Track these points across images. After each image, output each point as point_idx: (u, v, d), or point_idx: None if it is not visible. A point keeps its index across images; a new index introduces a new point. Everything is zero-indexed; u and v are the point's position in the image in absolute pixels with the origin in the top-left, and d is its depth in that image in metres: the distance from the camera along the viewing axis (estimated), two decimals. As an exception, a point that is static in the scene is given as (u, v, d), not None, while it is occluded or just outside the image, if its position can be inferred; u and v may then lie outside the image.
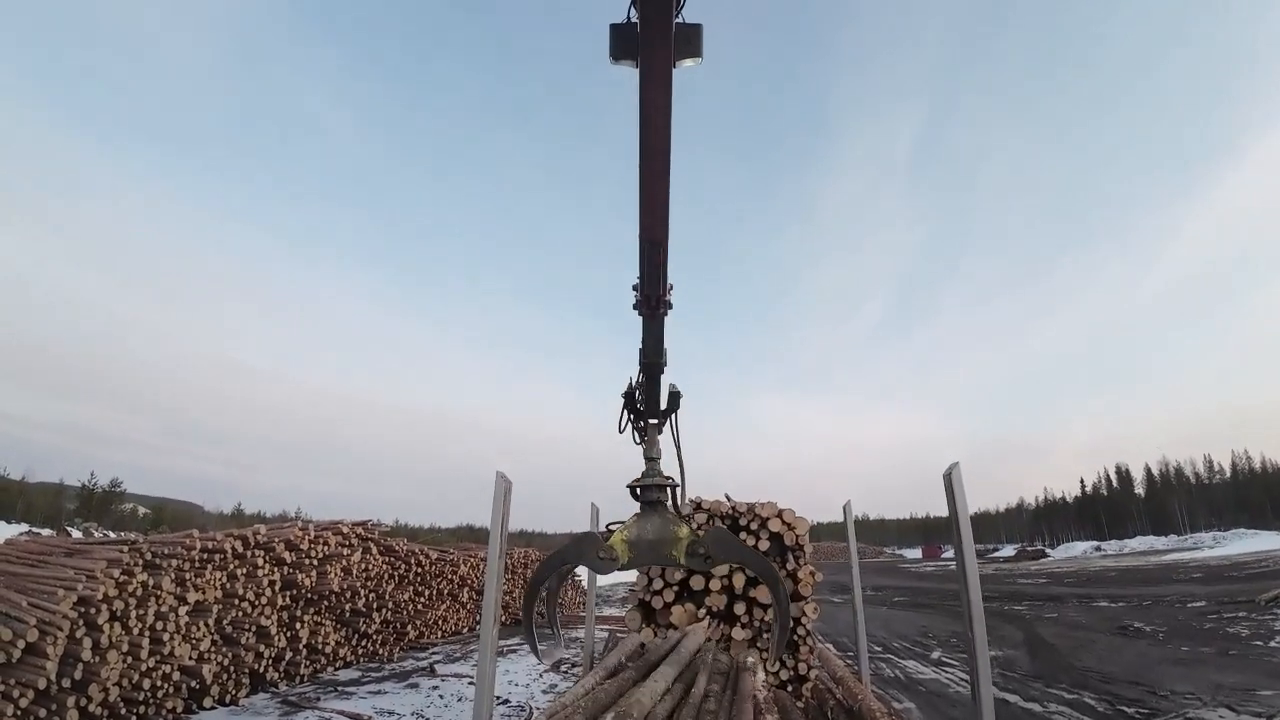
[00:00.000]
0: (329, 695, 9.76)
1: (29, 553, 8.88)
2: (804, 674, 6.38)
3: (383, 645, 12.92)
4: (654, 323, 3.45)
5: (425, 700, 9.63)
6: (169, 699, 8.14)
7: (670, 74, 2.30)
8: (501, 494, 3.40)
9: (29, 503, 51.70)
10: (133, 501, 58.75)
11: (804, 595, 6.41)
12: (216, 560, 9.17)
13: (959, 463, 3.59)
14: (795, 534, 6.45)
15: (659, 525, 3.52)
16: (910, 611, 22.01)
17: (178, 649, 8.21)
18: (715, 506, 6.64)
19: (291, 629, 10.36)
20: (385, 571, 13.08)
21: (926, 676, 11.03)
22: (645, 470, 3.74)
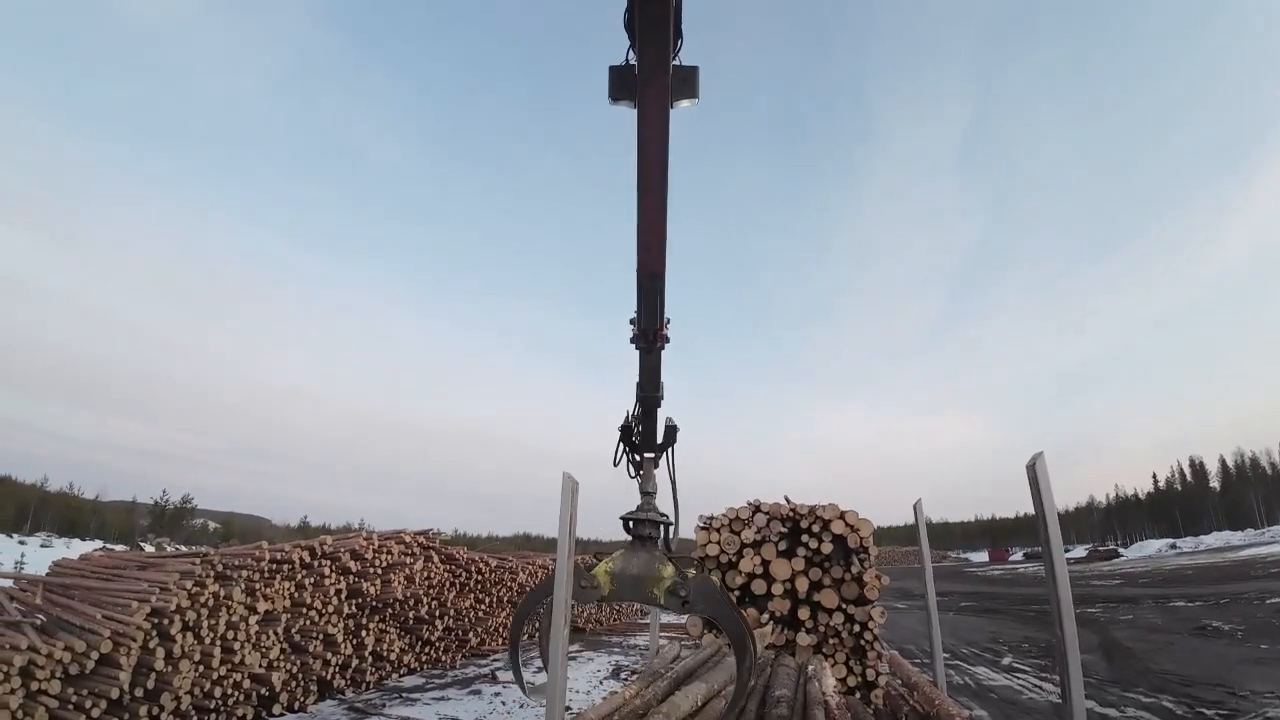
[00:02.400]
0: (394, 701, 9.89)
1: (103, 567, 9.22)
2: (873, 680, 6.21)
3: (445, 652, 13.07)
4: (651, 356, 3.51)
5: (488, 707, 9.68)
6: (239, 706, 8.31)
7: (667, 115, 2.37)
8: (569, 493, 3.39)
9: (103, 520, 53.97)
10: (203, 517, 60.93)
11: (870, 599, 6.24)
12: (285, 570, 9.38)
13: (1043, 453, 3.43)
14: (859, 536, 6.29)
15: (644, 561, 3.58)
16: (978, 617, 21.39)
17: (248, 657, 8.39)
18: (775, 509, 6.52)
19: (357, 637, 10.53)
20: (446, 579, 13.23)
21: (998, 683, 10.67)
22: (640, 504, 3.81)
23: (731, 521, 6.55)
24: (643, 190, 2.62)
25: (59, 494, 59.15)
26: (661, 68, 2.21)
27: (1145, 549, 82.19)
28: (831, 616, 6.22)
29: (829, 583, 6.26)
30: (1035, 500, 3.52)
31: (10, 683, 6.03)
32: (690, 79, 2.38)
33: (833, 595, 6.21)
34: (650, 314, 3.26)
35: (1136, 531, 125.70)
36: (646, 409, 3.81)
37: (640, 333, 3.37)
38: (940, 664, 6.46)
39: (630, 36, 2.20)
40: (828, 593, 6.22)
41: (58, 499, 57.02)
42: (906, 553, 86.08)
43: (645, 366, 3.59)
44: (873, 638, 6.21)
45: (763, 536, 6.41)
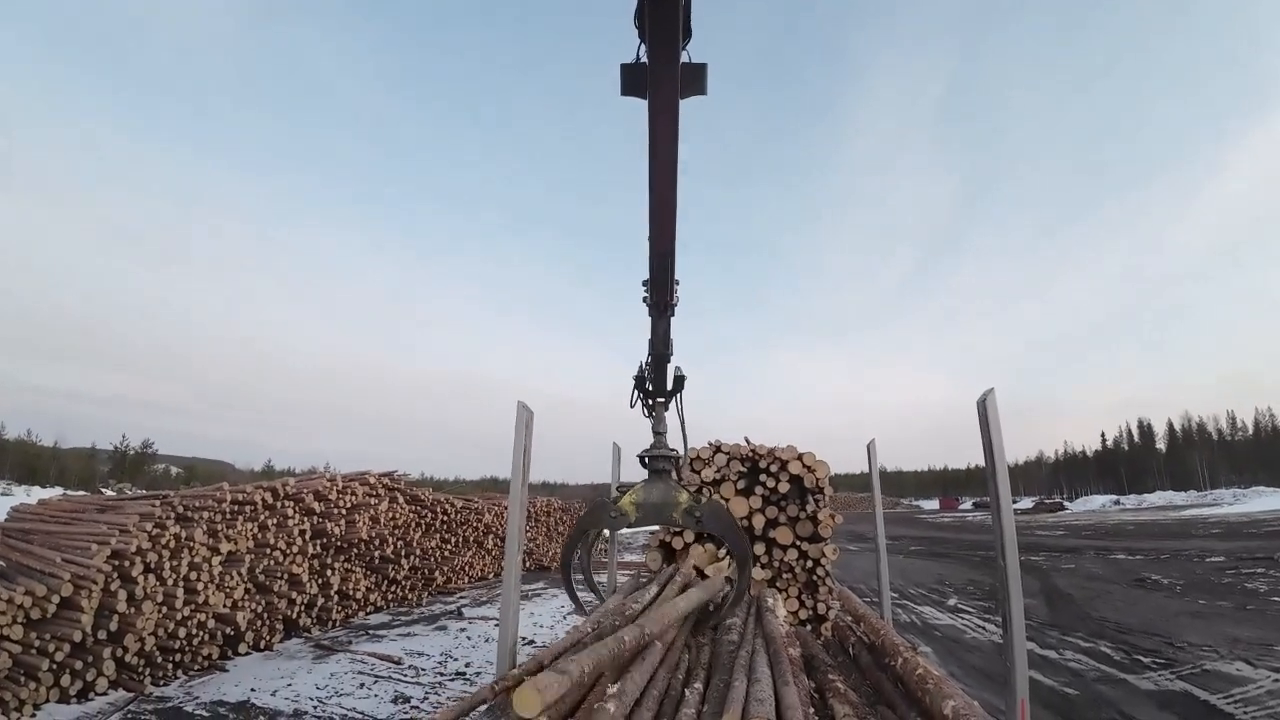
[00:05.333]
0: (360, 638, 10.08)
1: (62, 511, 9.16)
2: (823, 614, 6.48)
3: (411, 590, 13.30)
4: (662, 320, 3.93)
5: (454, 642, 9.93)
6: (204, 646, 8.43)
7: (677, 109, 2.50)
8: (523, 423, 3.51)
9: (62, 467, 53.00)
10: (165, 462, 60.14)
11: (823, 537, 6.48)
12: (247, 512, 9.41)
13: (994, 389, 3.55)
14: (815, 477, 6.50)
15: (663, 490, 4.07)
16: (927, 560, 22.22)
17: (212, 598, 8.47)
18: (735, 450, 6.70)
19: (323, 576, 10.66)
20: (412, 520, 13.38)
21: (943, 622, 11.18)
22: (653, 443, 4.30)
23: (693, 461, 6.72)
24: (654, 178, 2.77)
25: (16, 441, 57.98)
26: (671, 65, 2.28)
27: (1090, 504, 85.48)
28: (786, 553, 6.46)
29: (784, 520, 6.48)
30: (984, 437, 3.58)
31: None
32: (699, 76, 2.49)
33: (787, 532, 6.44)
34: (661, 286, 3.60)
35: (1083, 487, 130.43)
36: (658, 363, 4.27)
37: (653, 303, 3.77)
38: (887, 599, 6.77)
39: (640, 34, 2.29)
40: (783, 530, 6.44)
41: (15, 446, 55.89)
42: (862, 499, 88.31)
43: (657, 328, 4.01)
44: (824, 574, 6.46)
45: (722, 475, 6.59)
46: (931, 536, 35.34)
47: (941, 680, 3.74)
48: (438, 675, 8.22)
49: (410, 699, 7.31)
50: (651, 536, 7.01)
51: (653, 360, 4.30)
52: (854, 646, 6.11)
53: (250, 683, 7.82)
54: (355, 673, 8.27)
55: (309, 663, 8.74)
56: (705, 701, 3.32)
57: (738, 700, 3.05)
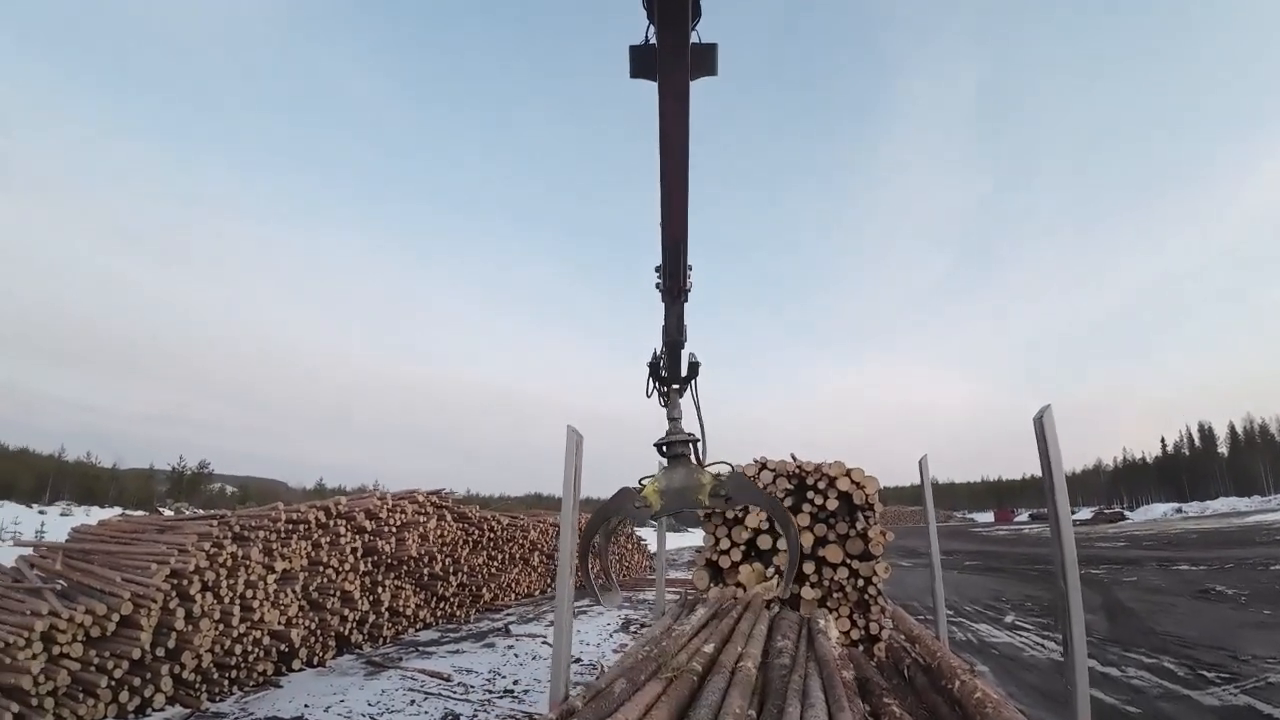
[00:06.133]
0: (411, 655, 10.19)
1: (123, 531, 9.42)
2: (875, 633, 6.36)
3: (460, 607, 13.42)
4: (676, 306, 3.89)
5: (502, 659, 9.97)
6: (259, 662, 8.56)
7: (687, 91, 2.47)
8: (573, 447, 3.52)
9: (121, 488, 54.77)
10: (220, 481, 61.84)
11: (874, 554, 6.36)
12: (301, 530, 9.61)
13: (1050, 406, 3.47)
14: (865, 493, 6.39)
15: (684, 475, 4.01)
16: (982, 575, 21.65)
17: (267, 615, 8.62)
18: (781, 467, 6.63)
19: (374, 593, 10.83)
20: (460, 537, 13.53)
21: (1000, 640, 10.87)
22: (669, 429, 4.25)
23: (745, 479, 6.70)
24: (665, 164, 2.75)
25: (77, 463, 60.17)
26: (680, 47, 2.27)
27: (1151, 512, 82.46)
28: (836, 571, 6.35)
29: (834, 538, 6.38)
30: (1042, 454, 3.54)
31: (32, 648, 6.18)
32: (709, 56, 2.44)
33: (837, 550, 6.34)
34: (675, 273, 3.55)
35: (1142, 495, 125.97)
36: (671, 350, 4.23)
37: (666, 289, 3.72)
38: (943, 618, 6.61)
39: (649, 15, 2.25)
40: (832, 548, 6.34)
41: (75, 468, 58.02)
42: (912, 512, 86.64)
43: (670, 314, 3.95)
44: (876, 592, 6.34)
45: (768, 494, 6.55)
46: (986, 550, 34.44)
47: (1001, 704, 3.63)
48: (486, 693, 8.25)
49: (460, 716, 7.35)
50: (697, 555, 6.96)
51: (666, 347, 4.27)
52: (909, 668, 5.97)
53: (304, 699, 7.94)
54: (406, 689, 8.34)
55: (361, 679, 8.85)
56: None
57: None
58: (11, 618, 6.42)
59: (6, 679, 5.97)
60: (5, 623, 6.34)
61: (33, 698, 6.06)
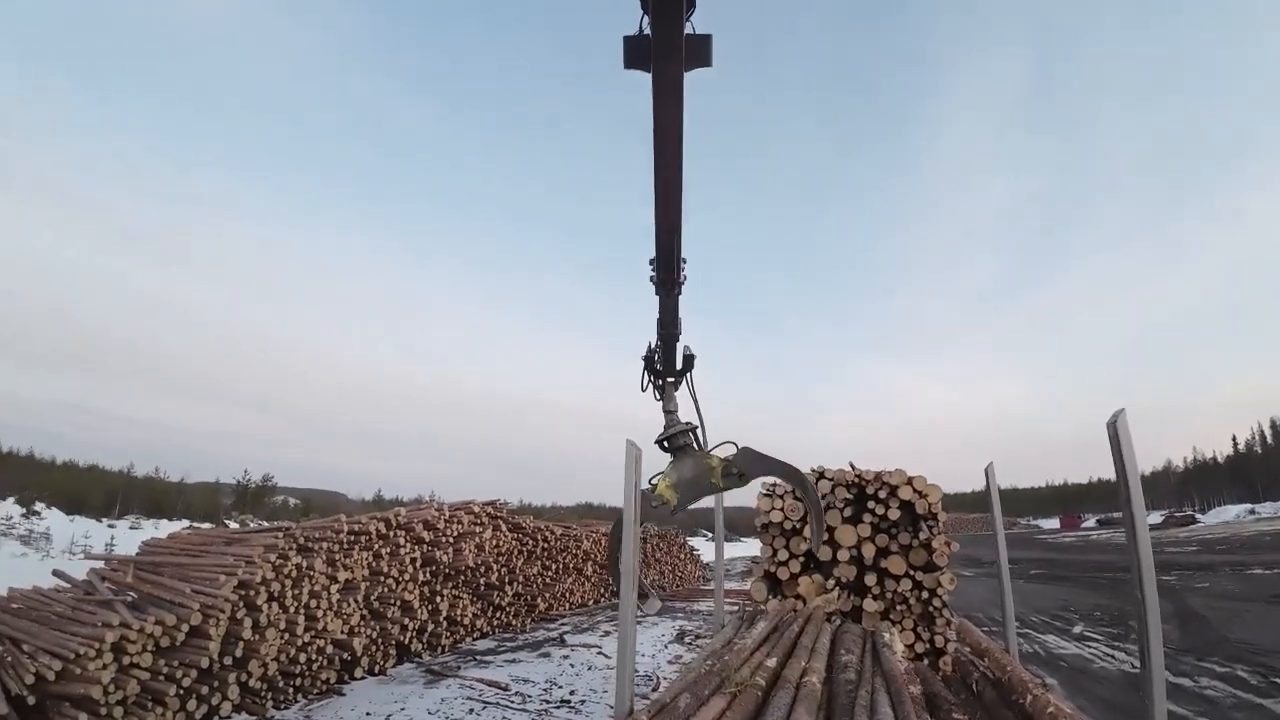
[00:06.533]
0: (469, 664, 10.30)
1: (191, 544, 9.70)
2: (940, 646, 6.21)
3: (515, 617, 13.55)
4: (670, 298, 3.90)
5: (558, 669, 10.01)
6: (323, 670, 8.72)
7: (681, 82, 2.47)
8: (632, 461, 3.53)
9: (188, 501, 56.63)
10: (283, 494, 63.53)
11: (939, 565, 6.21)
12: (362, 541, 9.79)
13: (1124, 410, 3.34)
14: (928, 502, 6.25)
15: (693, 464, 4.03)
16: (1048, 585, 21.00)
17: (330, 624, 8.79)
18: (839, 476, 6.52)
19: (432, 602, 10.99)
20: (514, 547, 13.65)
21: (1068, 652, 10.52)
22: (666, 423, 4.28)
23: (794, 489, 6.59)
24: (659, 155, 2.74)
25: (145, 478, 62.49)
26: (675, 37, 2.26)
27: (1223, 514, 79.14)
28: (899, 583, 6.22)
29: (896, 549, 6.25)
30: (1116, 460, 3.42)
31: (103, 658, 6.33)
32: (703, 47, 2.42)
33: (900, 561, 6.21)
34: (668, 264, 3.56)
35: (1214, 497, 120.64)
36: (666, 342, 4.25)
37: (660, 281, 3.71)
38: (1013, 631, 6.43)
39: (644, 6, 2.25)
40: (895, 559, 6.22)
41: (144, 483, 60.22)
42: (974, 519, 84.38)
43: (665, 307, 3.98)
44: (941, 604, 6.19)
45: (827, 504, 6.43)
46: (1052, 559, 33.36)
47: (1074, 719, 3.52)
48: (543, 702, 8.28)
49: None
50: (755, 566, 6.89)
51: (661, 340, 4.27)
52: (978, 682, 5.82)
53: (366, 707, 8.06)
54: (464, 698, 8.42)
55: (420, 687, 8.97)
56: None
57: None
58: (83, 629, 6.63)
59: (76, 689, 6.13)
60: (77, 634, 6.53)
61: (102, 707, 6.21)
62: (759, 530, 6.61)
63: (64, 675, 6.21)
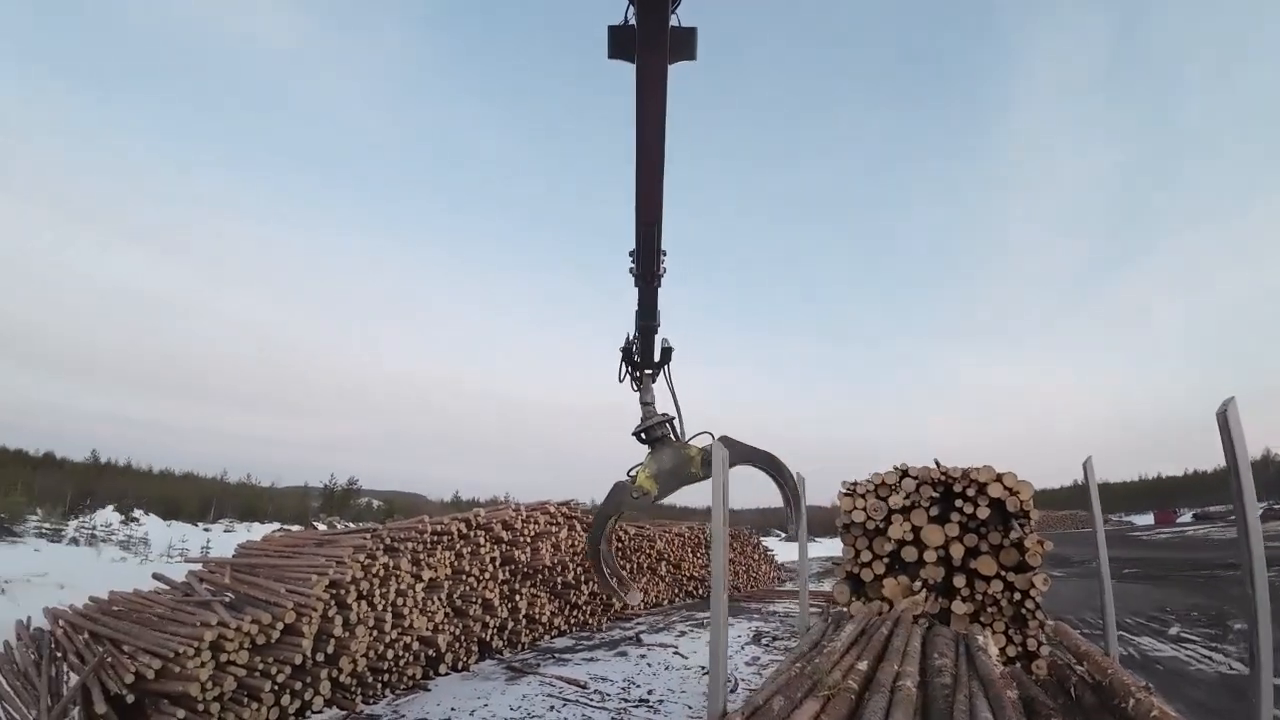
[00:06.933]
0: (547, 661, 10.45)
1: (284, 546, 10.13)
2: (1034, 650, 5.98)
3: (591, 615, 13.69)
4: (649, 291, 3.89)
5: (635, 668, 10.05)
6: (409, 666, 8.97)
7: (665, 73, 2.42)
8: (721, 460, 3.51)
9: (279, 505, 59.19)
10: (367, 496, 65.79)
11: (1032, 565, 5.98)
12: (445, 541, 10.05)
13: (1234, 398, 3.15)
14: (1019, 499, 6.01)
15: (672, 454, 4.09)
16: (1143, 584, 19.96)
17: (416, 621, 9.03)
18: (924, 474, 6.33)
19: (512, 601, 11.20)
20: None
21: (1164, 654, 9.99)
22: (644, 414, 4.34)
23: (877, 487, 6.40)
24: (641, 145, 2.72)
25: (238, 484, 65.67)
26: (660, 29, 2.25)
27: (1328, 508, 73.63)
28: (989, 584, 6.01)
29: (986, 549, 6.04)
30: (1226, 450, 3.23)
31: (201, 656, 6.57)
32: (688, 40, 2.39)
33: (990, 562, 6.00)
34: (648, 256, 3.56)
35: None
36: (645, 335, 4.28)
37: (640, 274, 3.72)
38: (1113, 633, 6.14)
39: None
40: (985, 559, 6.01)
41: (236, 489, 63.19)
42: (1062, 516, 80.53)
43: (644, 299, 3.98)
44: (1034, 606, 5.96)
45: (912, 502, 6.24)
46: (1147, 557, 31.64)
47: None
48: (622, 701, 8.32)
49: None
50: (836, 566, 6.77)
51: (640, 332, 4.25)
52: (1075, 686, 5.58)
53: (450, 702, 8.25)
54: (545, 695, 8.54)
55: (502, 684, 9.13)
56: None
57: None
58: (183, 629, 6.91)
59: (175, 687, 6.41)
60: (177, 634, 6.81)
61: (199, 703, 6.47)
62: (840, 530, 6.48)
63: (163, 674, 6.48)
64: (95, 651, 6.92)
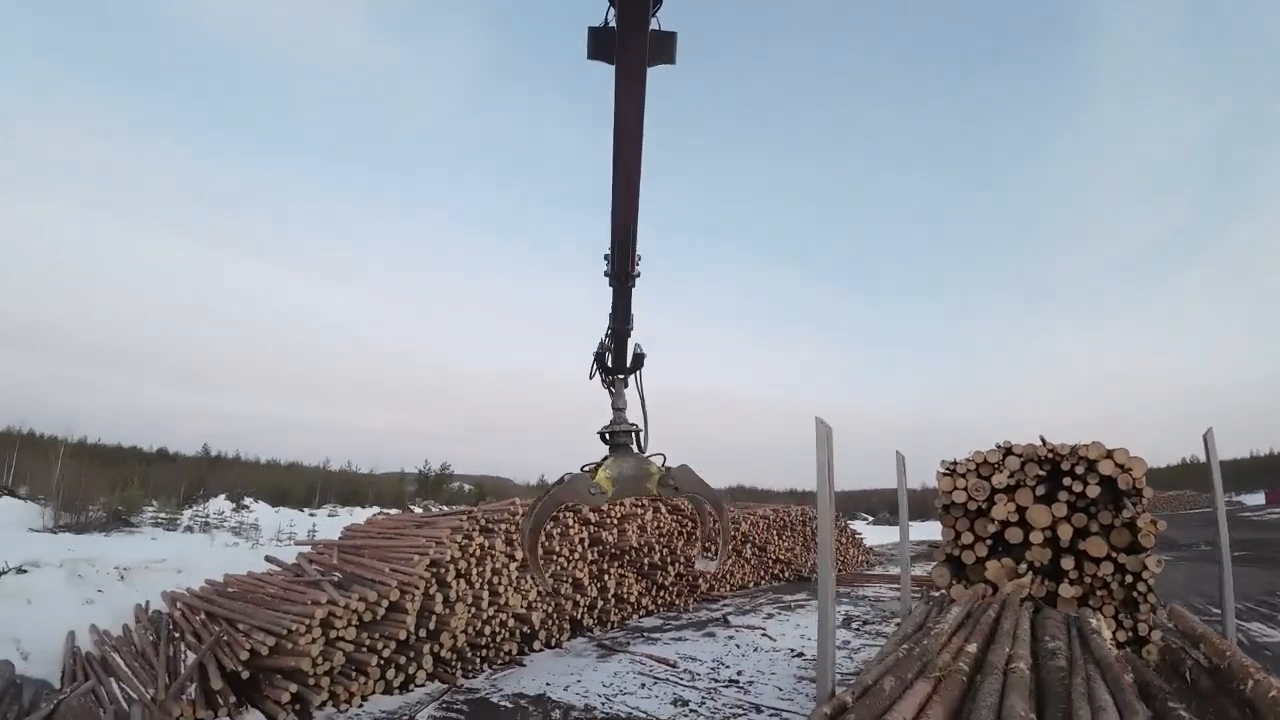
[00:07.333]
0: (636, 640, 10.63)
1: (387, 527, 10.61)
2: (1144, 635, 5.72)
3: (678, 596, 13.83)
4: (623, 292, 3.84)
5: (723, 649, 10.10)
6: (505, 643, 9.30)
7: (644, 76, 2.42)
8: (824, 439, 3.47)
9: (378, 490, 61.85)
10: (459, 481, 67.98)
11: (1145, 547, 5.71)
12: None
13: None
14: (1131, 477, 5.73)
15: (635, 464, 4.09)
16: (1253, 567, 18.71)
17: (510, 599, 9.34)
18: (1029, 451, 6.10)
19: (601, 580, 11.45)
20: (674, 529, 13.90)
21: (1274, 639, 9.50)
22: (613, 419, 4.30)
23: (979, 466, 6.19)
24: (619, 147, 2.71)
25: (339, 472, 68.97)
26: (640, 32, 2.23)
27: None
28: (1099, 566, 5.76)
29: (1096, 529, 5.79)
30: None
31: (312, 633, 7.00)
32: (668, 44, 2.42)
33: (1101, 543, 5.74)
34: (624, 258, 3.53)
35: None
36: (618, 339, 4.23)
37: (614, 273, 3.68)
38: (1231, 616, 5.81)
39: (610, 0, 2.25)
40: (1094, 540, 5.76)
41: (338, 476, 66.35)
42: (1169, 497, 76.09)
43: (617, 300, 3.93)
44: (1146, 589, 5.70)
45: (1017, 481, 6.02)
46: (1257, 538, 29.62)
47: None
48: (711, 681, 8.39)
49: (689, 702, 7.51)
50: (934, 549, 6.62)
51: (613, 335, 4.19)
52: (1191, 670, 5.33)
53: (545, 677, 8.51)
54: (635, 673, 8.69)
55: (594, 661, 9.34)
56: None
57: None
58: (294, 608, 7.37)
59: (288, 662, 6.81)
60: (289, 612, 7.27)
61: (310, 677, 6.87)
62: (939, 512, 6.32)
63: (276, 650, 6.90)
64: (211, 631, 7.40)
